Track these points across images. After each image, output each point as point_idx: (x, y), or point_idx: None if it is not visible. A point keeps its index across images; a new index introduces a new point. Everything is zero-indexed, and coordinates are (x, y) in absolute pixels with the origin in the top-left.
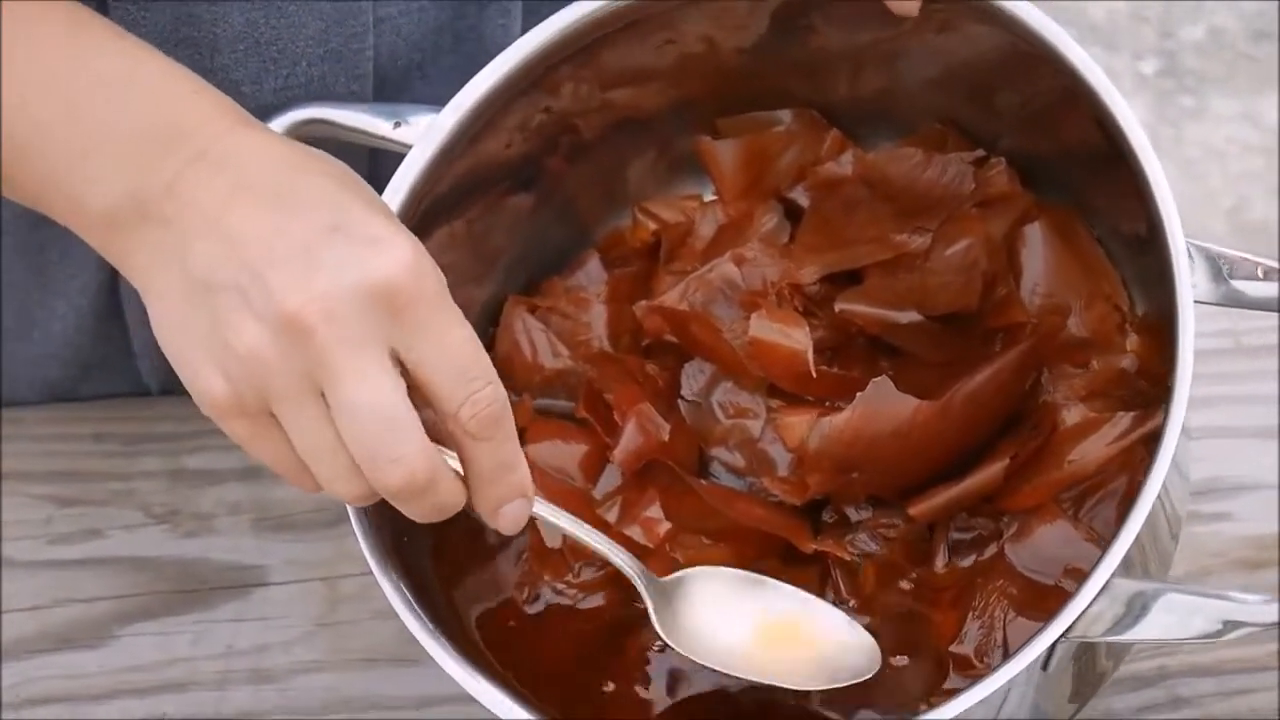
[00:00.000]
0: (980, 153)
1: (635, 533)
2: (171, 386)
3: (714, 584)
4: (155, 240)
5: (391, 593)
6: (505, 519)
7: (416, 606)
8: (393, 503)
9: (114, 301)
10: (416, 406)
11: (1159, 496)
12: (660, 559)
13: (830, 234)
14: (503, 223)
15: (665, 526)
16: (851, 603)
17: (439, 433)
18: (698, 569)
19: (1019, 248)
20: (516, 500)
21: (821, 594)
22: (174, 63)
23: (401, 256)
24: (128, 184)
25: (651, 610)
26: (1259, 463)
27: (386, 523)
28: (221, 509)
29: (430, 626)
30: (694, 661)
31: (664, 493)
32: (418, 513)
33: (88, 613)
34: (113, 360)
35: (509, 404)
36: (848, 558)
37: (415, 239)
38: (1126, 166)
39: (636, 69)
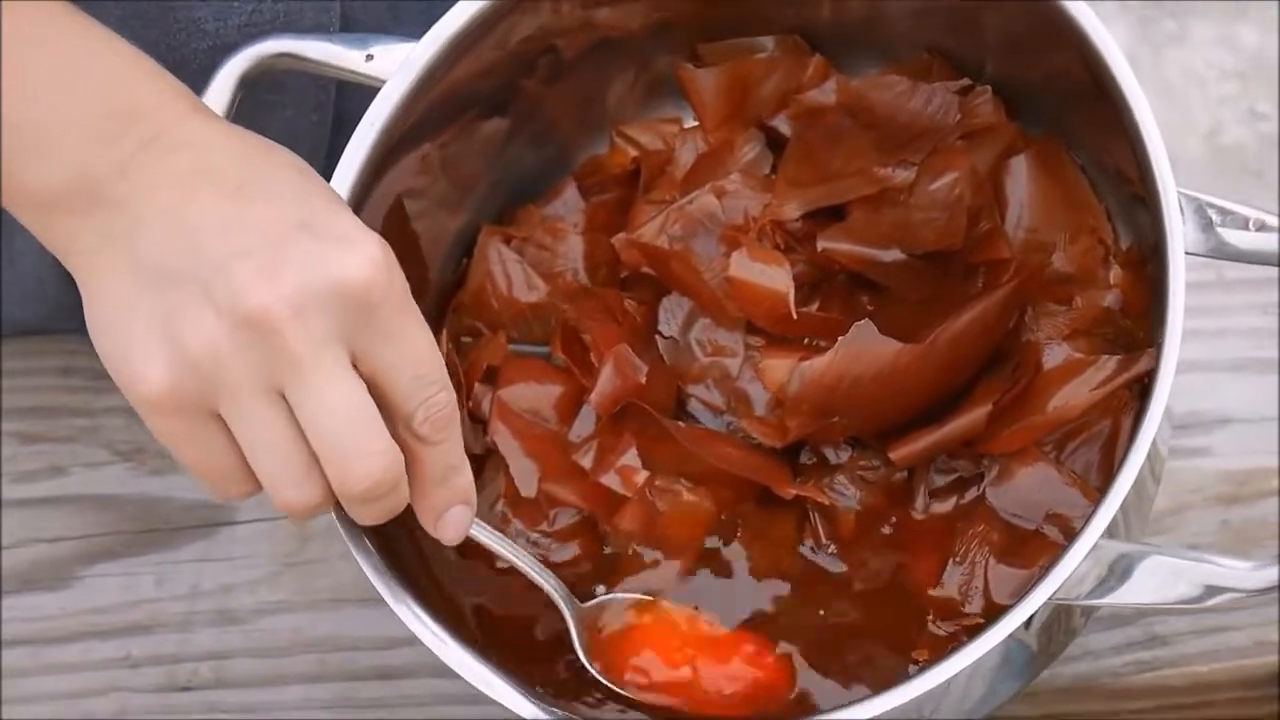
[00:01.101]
0: (965, 82)
1: (612, 481)
2: None
3: (634, 613)
4: (104, 224)
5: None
6: (448, 526)
7: (376, 553)
8: (348, 505)
9: None
10: None
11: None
12: (639, 508)
13: (813, 167)
14: (476, 149)
15: (643, 475)
16: (831, 548)
17: None
18: (620, 596)
19: (1004, 180)
20: (458, 507)
21: (800, 538)
22: (131, 46)
23: (372, 257)
24: (78, 163)
25: (574, 633)
26: (1237, 397)
27: None
28: None
29: (387, 572)
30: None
31: (640, 436)
32: (370, 515)
33: (51, 553)
34: (79, 298)
35: (458, 408)
36: (827, 502)
37: (381, 238)
38: (1113, 105)
39: None
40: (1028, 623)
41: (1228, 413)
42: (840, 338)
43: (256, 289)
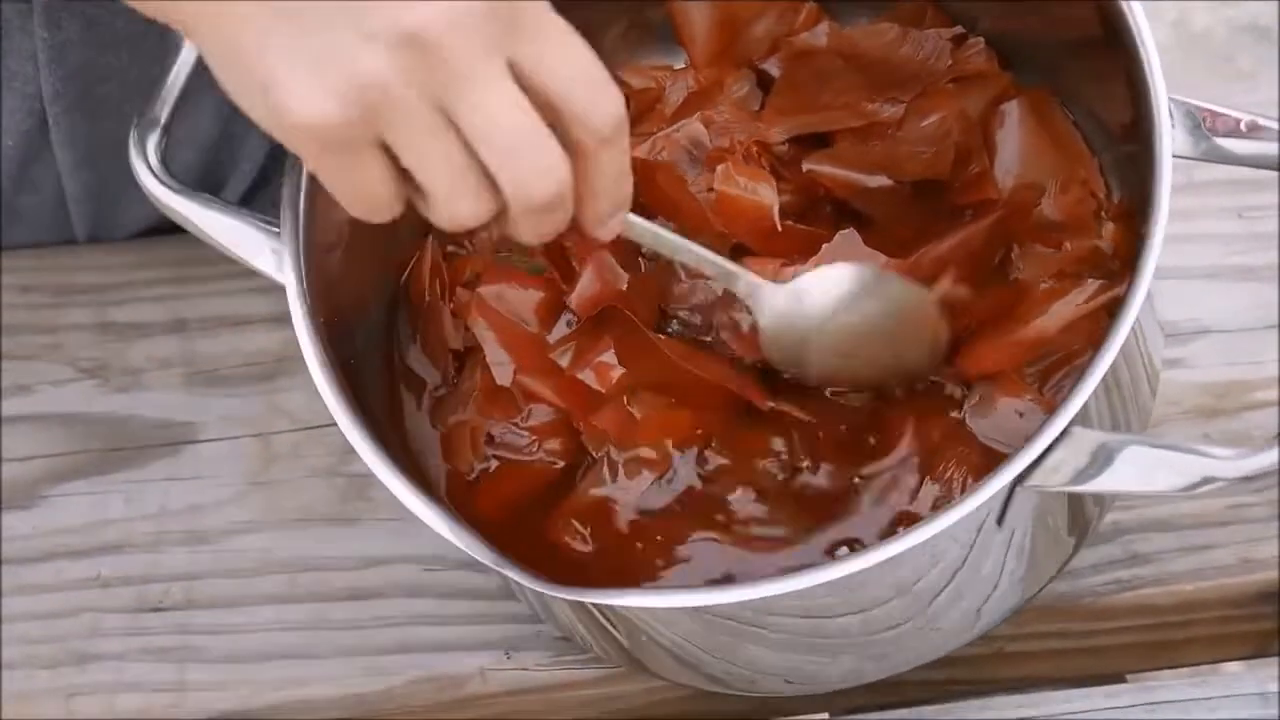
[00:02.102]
0: (959, 30)
1: (588, 377)
2: (100, 234)
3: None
4: None
5: (334, 404)
6: (609, 229)
7: (357, 421)
8: (521, 218)
9: (43, 144)
10: None
11: (1139, 348)
12: (616, 411)
13: (801, 100)
14: None
15: (618, 372)
16: (805, 462)
17: None
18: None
19: (994, 127)
20: (621, 212)
21: (773, 452)
22: None
23: None
24: None
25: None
26: (1213, 306)
27: (335, 354)
28: (151, 364)
29: (385, 457)
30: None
31: (620, 344)
32: (541, 229)
33: (20, 472)
34: (40, 207)
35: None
36: (805, 418)
37: None
38: (1106, 40)
39: None
40: (1001, 517)
41: (1204, 323)
42: (825, 245)
43: (408, 10)
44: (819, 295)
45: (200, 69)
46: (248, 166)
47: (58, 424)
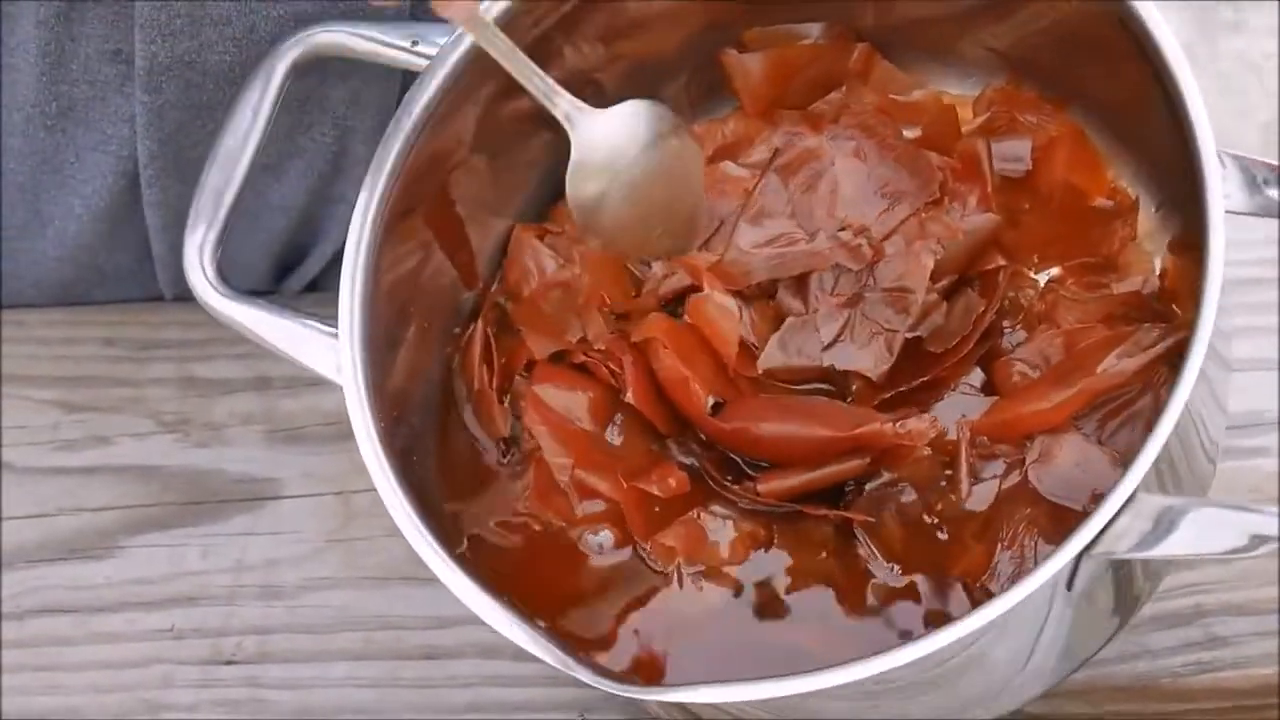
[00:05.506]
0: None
1: (648, 484)
2: (185, 293)
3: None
4: None
5: (399, 512)
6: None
7: (423, 526)
8: None
9: (132, 204)
10: None
11: (1194, 421)
12: (688, 528)
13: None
14: (526, 160)
15: (679, 477)
16: (878, 557)
17: None
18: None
19: (1020, 206)
20: None
21: (846, 551)
22: None
23: None
24: None
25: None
26: None
27: (394, 440)
28: (233, 419)
29: (434, 542)
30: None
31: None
32: None
33: (95, 522)
34: (126, 266)
35: None
36: (865, 519)
37: None
38: (1157, 95)
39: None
40: (1070, 582)
41: None
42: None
43: None
44: (632, 126)
45: (293, 134)
46: (335, 234)
47: (137, 476)
